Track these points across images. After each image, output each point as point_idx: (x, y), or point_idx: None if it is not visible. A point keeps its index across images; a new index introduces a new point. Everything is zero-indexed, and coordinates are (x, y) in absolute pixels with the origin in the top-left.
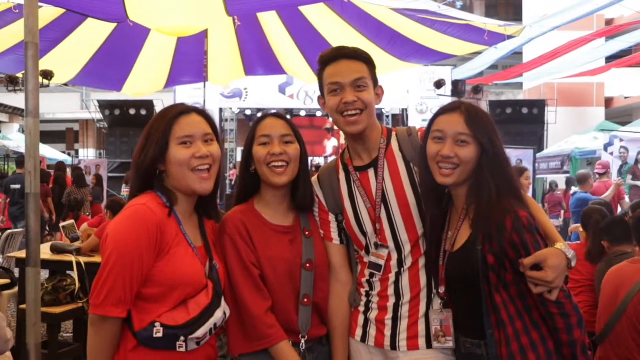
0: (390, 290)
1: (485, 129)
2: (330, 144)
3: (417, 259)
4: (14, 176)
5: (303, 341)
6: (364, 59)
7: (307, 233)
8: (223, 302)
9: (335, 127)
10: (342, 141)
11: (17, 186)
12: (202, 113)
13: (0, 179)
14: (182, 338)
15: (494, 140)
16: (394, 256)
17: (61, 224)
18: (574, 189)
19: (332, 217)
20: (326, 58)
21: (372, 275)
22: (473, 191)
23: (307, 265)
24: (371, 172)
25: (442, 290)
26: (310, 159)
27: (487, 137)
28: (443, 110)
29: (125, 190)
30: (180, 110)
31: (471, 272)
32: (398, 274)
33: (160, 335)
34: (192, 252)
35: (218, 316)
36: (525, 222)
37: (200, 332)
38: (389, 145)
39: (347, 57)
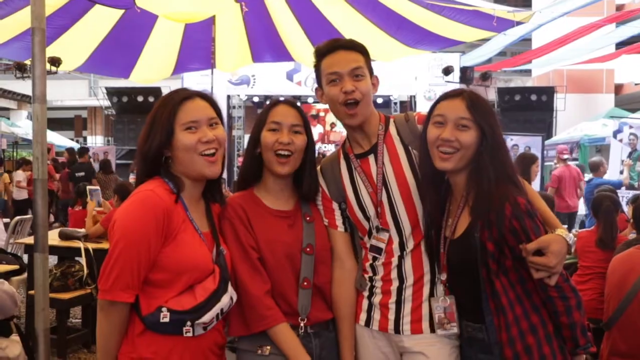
0: (394, 274)
1: (486, 115)
2: (316, 130)
3: (418, 241)
4: (78, 165)
5: (302, 324)
6: (360, 49)
7: (308, 218)
8: (230, 288)
9: (321, 114)
10: (328, 127)
11: (82, 173)
12: (205, 97)
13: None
14: (188, 323)
15: (494, 127)
16: (396, 239)
17: (88, 187)
18: (587, 176)
19: (335, 205)
20: (323, 50)
21: (374, 259)
22: (472, 177)
23: (308, 249)
24: (371, 157)
25: (444, 277)
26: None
27: (488, 123)
28: (445, 96)
29: (132, 178)
30: (183, 96)
31: (471, 259)
32: (401, 258)
33: (167, 320)
34: (199, 237)
35: (225, 301)
36: (524, 208)
37: (206, 317)
38: (387, 131)
39: (344, 48)
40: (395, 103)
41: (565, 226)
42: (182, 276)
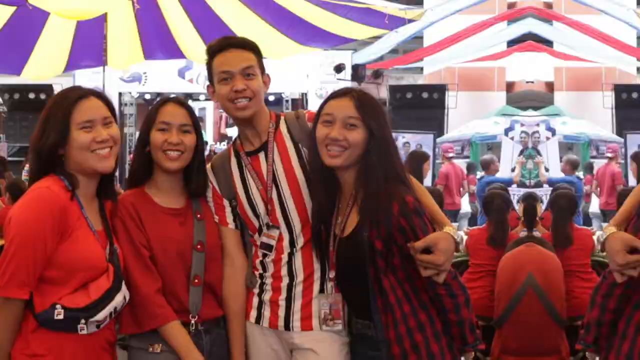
0: (284, 271)
1: (374, 115)
2: None
3: (309, 239)
4: None
5: (193, 321)
6: (252, 48)
7: (198, 215)
8: (123, 286)
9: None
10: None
11: None
12: (100, 96)
13: None
14: (82, 321)
15: (383, 126)
16: (286, 237)
17: None
18: (479, 173)
19: (226, 202)
20: (215, 48)
21: (264, 256)
22: (361, 176)
23: (198, 246)
24: (261, 155)
25: (332, 274)
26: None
27: (376, 122)
28: (333, 95)
29: (25, 175)
30: (78, 95)
31: (360, 257)
32: (291, 254)
33: (60, 317)
34: (93, 235)
35: (118, 300)
36: (411, 207)
37: (100, 316)
38: (278, 129)
39: (236, 46)
40: (287, 100)
41: (456, 224)
42: (76, 274)
